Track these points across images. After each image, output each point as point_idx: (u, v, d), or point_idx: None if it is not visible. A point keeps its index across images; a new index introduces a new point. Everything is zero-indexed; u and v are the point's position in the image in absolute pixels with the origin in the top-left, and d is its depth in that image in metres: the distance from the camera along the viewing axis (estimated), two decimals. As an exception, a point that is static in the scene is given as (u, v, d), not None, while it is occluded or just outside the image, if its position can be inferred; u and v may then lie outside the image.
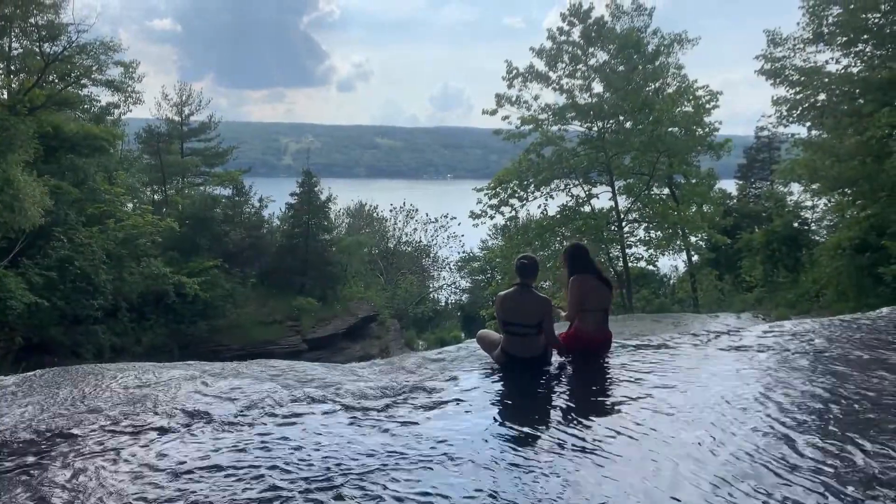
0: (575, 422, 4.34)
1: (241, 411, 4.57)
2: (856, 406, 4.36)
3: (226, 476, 3.50)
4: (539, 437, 4.10)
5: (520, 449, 3.91)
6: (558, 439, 4.02)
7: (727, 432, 3.99)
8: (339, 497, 3.26)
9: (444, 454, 3.78)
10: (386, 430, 4.18)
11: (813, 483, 3.31)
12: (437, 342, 33.68)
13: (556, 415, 4.51)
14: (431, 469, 3.57)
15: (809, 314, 16.20)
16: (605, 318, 6.11)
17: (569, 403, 4.83)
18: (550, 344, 5.71)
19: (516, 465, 3.65)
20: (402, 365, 6.25)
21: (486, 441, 4.04)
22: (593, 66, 27.24)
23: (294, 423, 4.33)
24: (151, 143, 39.20)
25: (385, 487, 3.36)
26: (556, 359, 5.82)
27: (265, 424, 4.32)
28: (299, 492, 3.31)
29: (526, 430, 4.26)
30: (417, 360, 6.41)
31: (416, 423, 4.32)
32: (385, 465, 3.63)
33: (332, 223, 40.04)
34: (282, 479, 3.44)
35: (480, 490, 3.34)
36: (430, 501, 3.23)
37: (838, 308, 16.60)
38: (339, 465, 3.63)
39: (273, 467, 3.60)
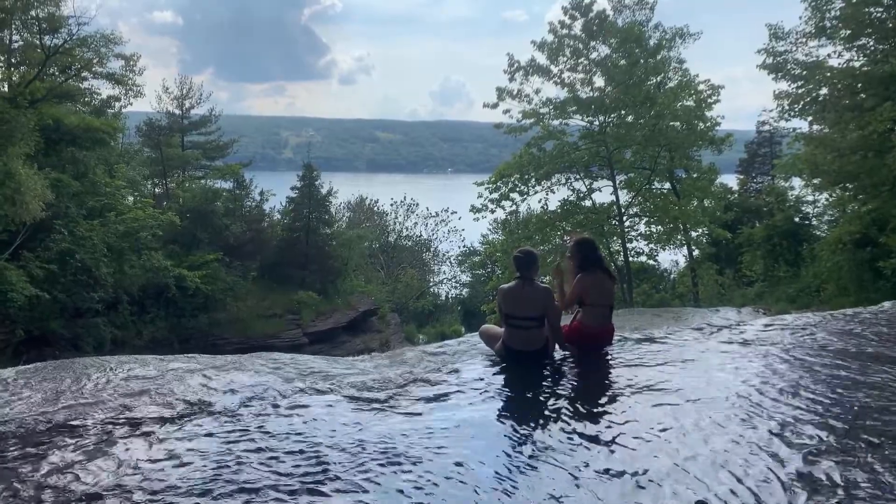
0: (576, 413, 4.35)
1: (244, 403, 4.58)
2: (857, 400, 4.36)
3: (228, 466, 3.50)
4: (540, 427, 4.10)
5: (521, 439, 3.92)
6: (560, 430, 4.02)
7: (728, 425, 3.99)
8: (341, 486, 3.26)
9: (446, 444, 3.78)
10: (388, 421, 4.19)
11: (807, 476, 3.31)
12: (437, 336, 33.71)
13: (557, 406, 4.51)
14: (432, 460, 3.58)
15: (810, 309, 16.16)
16: (609, 312, 6.17)
17: (570, 395, 4.83)
18: (554, 337, 5.69)
19: (517, 455, 3.66)
20: (404, 358, 6.27)
21: (488, 431, 4.05)
22: (595, 60, 27.16)
23: (296, 415, 4.34)
24: (152, 136, 39.13)
25: (387, 476, 3.36)
26: (558, 353, 5.81)
27: (267, 415, 4.32)
28: (302, 481, 3.31)
29: (527, 420, 4.26)
30: (418, 354, 6.42)
31: (418, 415, 4.33)
32: (387, 455, 3.63)
33: (332, 217, 40.07)
34: (285, 469, 3.45)
35: (482, 479, 3.34)
36: (432, 491, 3.23)
37: (839, 303, 16.58)
38: (341, 454, 3.63)
39: (275, 457, 3.60)
